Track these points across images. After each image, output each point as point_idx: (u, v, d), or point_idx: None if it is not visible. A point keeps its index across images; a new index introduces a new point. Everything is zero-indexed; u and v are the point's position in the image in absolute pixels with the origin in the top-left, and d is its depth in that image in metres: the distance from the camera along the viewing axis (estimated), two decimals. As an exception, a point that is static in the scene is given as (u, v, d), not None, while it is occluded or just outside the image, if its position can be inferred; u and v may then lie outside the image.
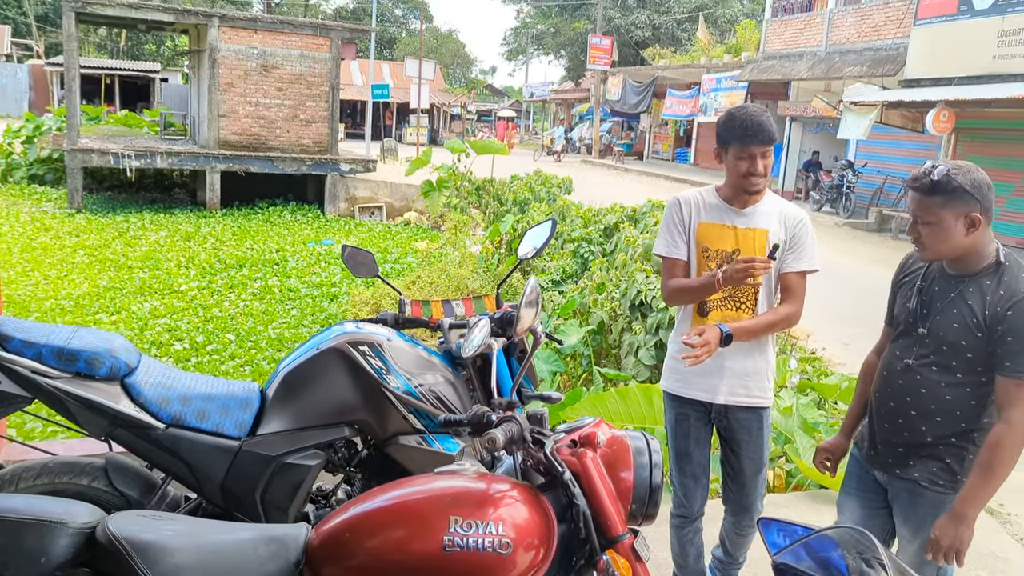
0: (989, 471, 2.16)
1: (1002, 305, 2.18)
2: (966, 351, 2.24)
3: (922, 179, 2.23)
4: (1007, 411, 2.17)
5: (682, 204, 2.82)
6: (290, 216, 16.78)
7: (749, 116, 2.63)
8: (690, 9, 40.43)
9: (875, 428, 2.47)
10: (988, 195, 2.22)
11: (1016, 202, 15.06)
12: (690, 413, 2.88)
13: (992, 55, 14.05)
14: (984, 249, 2.25)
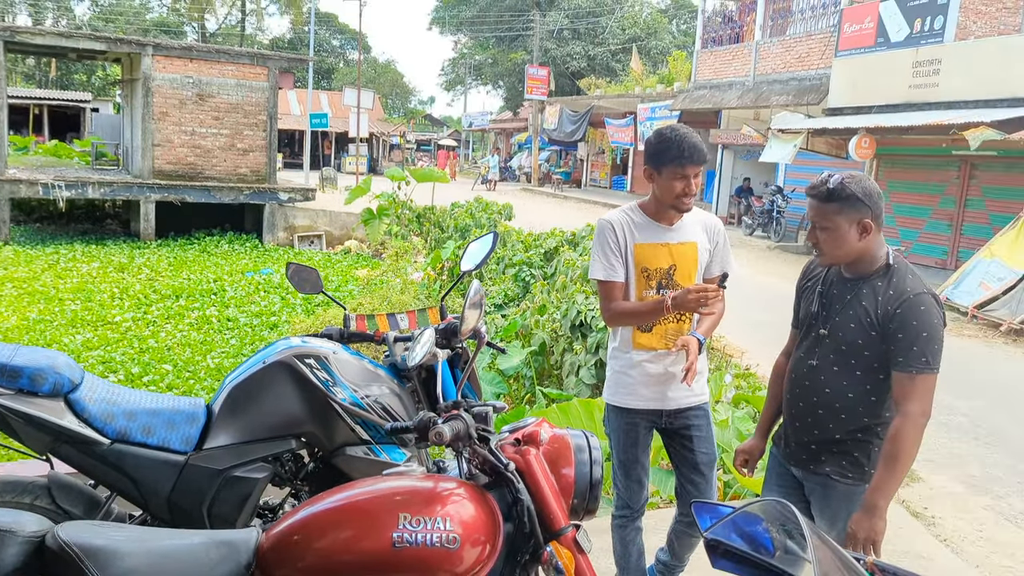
0: (893, 462, 2.28)
1: (892, 304, 2.33)
2: (863, 349, 2.38)
3: (819, 187, 2.39)
4: (903, 404, 2.30)
5: (615, 226, 2.89)
6: (227, 246, 16.56)
7: (683, 137, 2.74)
8: (624, 41, 41.39)
9: (789, 427, 2.61)
10: (878, 203, 2.39)
11: (934, 224, 15.75)
12: (639, 423, 2.98)
13: (908, 84, 14.75)
14: (876, 253, 2.40)
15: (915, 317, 2.30)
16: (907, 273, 2.39)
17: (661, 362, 2.89)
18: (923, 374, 2.29)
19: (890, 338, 2.33)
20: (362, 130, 25.51)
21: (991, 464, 5.67)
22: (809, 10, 19.47)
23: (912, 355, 2.29)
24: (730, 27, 22.75)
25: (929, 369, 2.30)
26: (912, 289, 2.34)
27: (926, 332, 2.30)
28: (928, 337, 2.29)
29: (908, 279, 2.37)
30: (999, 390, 7.59)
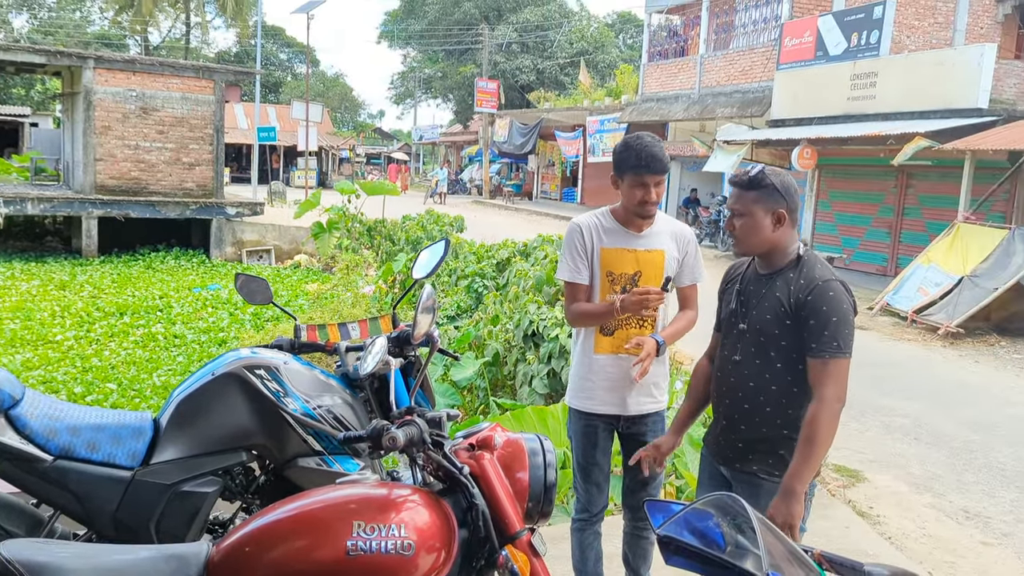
0: (809, 446, 2.32)
1: (803, 292, 2.40)
2: (779, 339, 2.44)
3: (741, 176, 2.50)
4: (818, 389, 2.36)
5: (583, 229, 2.97)
6: (173, 262, 16.25)
7: (644, 147, 2.81)
8: (572, 54, 41.81)
9: (717, 426, 2.66)
10: (794, 198, 2.49)
11: (874, 232, 16.20)
12: (598, 425, 3.02)
13: (847, 97, 15.18)
14: (788, 247, 2.49)
15: (825, 303, 2.37)
16: (816, 263, 2.48)
17: (621, 367, 2.93)
18: (835, 358, 2.35)
19: (803, 325, 2.39)
20: (311, 144, 25.30)
21: (932, 463, 5.84)
22: (751, 24, 19.94)
23: (823, 340, 2.35)
24: (675, 41, 23.16)
25: (841, 353, 2.35)
26: (821, 276, 2.41)
27: (836, 317, 2.36)
28: (838, 322, 2.36)
29: (817, 268, 2.45)
30: (938, 392, 7.83)
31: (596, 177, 29.34)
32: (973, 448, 6.18)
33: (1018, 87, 15.07)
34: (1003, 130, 12.02)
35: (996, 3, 19.05)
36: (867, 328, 10.73)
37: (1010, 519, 4.91)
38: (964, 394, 7.79)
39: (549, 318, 6.05)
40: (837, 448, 5.88)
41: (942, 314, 10.60)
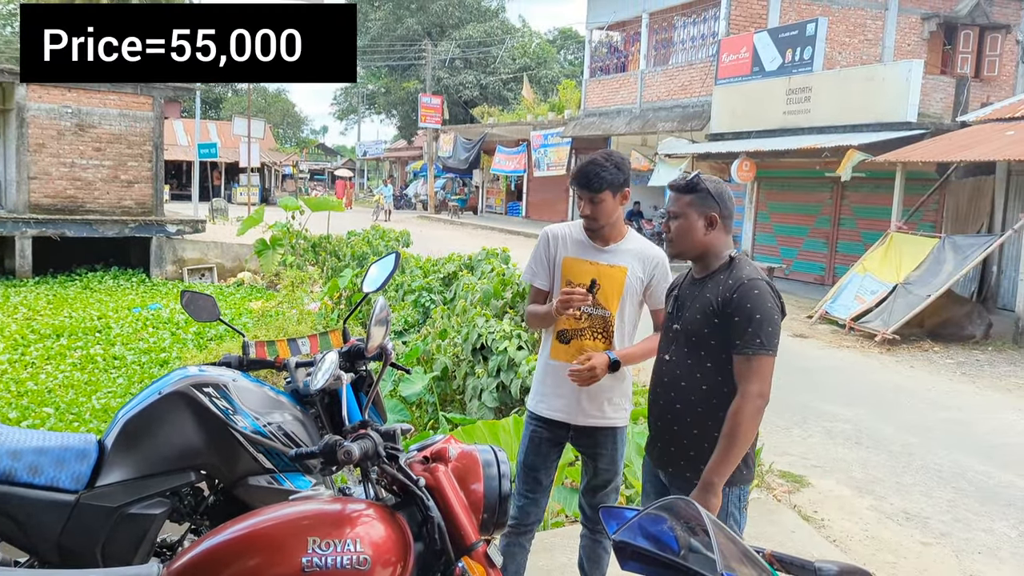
0: (731, 439, 2.39)
1: (730, 291, 2.47)
2: (709, 338, 2.51)
3: (679, 181, 2.60)
4: (742, 385, 2.43)
5: (550, 237, 3.05)
6: (112, 281, 15.82)
7: (583, 165, 2.91)
8: (515, 70, 42.12)
9: (652, 428, 2.72)
10: (728, 204, 2.59)
11: (812, 243, 16.64)
12: (544, 432, 3.04)
13: (783, 111, 15.60)
14: (720, 251, 2.58)
15: (749, 300, 2.44)
16: (745, 264, 2.57)
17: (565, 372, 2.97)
18: (759, 355, 2.41)
19: (728, 323, 2.46)
20: (253, 160, 24.94)
21: (872, 467, 6.01)
22: (689, 41, 20.37)
23: (747, 337, 2.42)
24: (616, 57, 23.52)
25: (764, 351, 2.41)
26: (747, 276, 2.49)
27: (759, 315, 2.42)
28: (761, 319, 2.42)
29: (745, 269, 2.54)
30: (877, 397, 8.06)
31: (541, 191, 29.55)
32: (911, 451, 6.37)
33: (944, 101, 15.69)
34: (931, 143, 12.48)
35: (922, 21, 19.84)
36: (807, 336, 11.01)
37: (947, 519, 5.08)
38: (901, 399, 8.03)
39: (497, 331, 6.07)
40: (781, 454, 6.02)
41: (878, 321, 10.93)
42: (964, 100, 15.50)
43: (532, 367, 5.55)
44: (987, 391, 8.43)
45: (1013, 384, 8.73)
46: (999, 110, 13.29)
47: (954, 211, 13.19)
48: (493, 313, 6.67)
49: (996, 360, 9.83)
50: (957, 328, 10.95)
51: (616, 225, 3.00)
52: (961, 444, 6.58)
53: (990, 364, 9.63)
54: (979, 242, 11.13)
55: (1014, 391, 8.44)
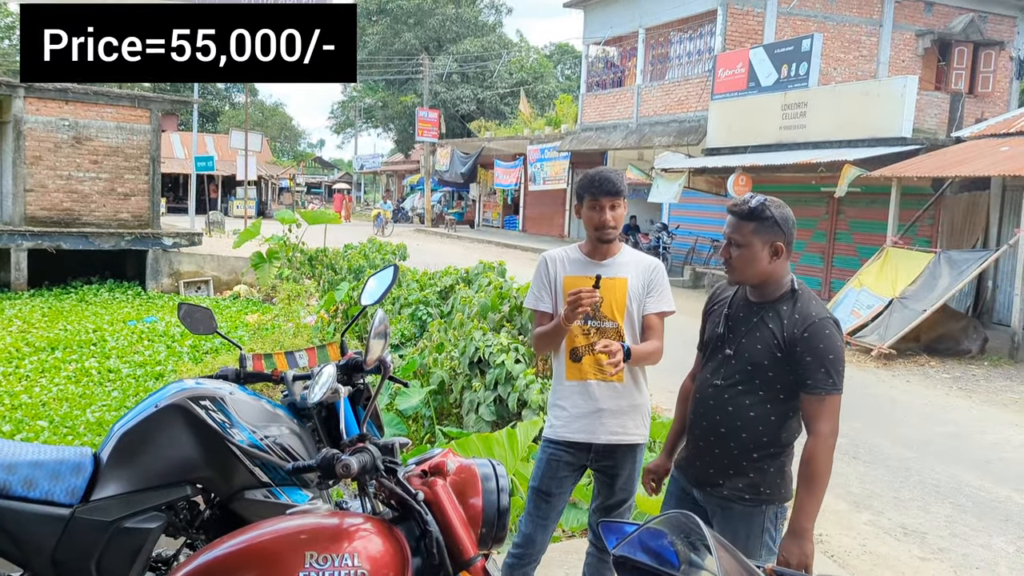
0: (812, 482, 2.37)
1: (799, 327, 2.42)
2: (767, 370, 2.46)
3: (740, 206, 2.50)
4: (814, 425, 2.40)
5: (548, 261, 3.06)
6: (108, 294, 15.79)
7: (598, 172, 2.93)
8: (512, 84, 42.30)
9: (692, 447, 2.68)
10: (792, 231, 2.50)
11: (808, 257, 16.66)
12: (563, 455, 3.00)
13: (778, 126, 15.67)
14: (783, 279, 2.52)
15: (822, 340, 2.39)
16: (811, 299, 2.51)
17: (590, 393, 2.95)
18: (831, 395, 2.39)
19: (797, 361, 2.41)
20: (250, 173, 25.00)
21: (870, 481, 6.00)
22: (686, 56, 20.48)
23: (820, 377, 2.38)
24: (612, 72, 23.63)
25: (836, 390, 2.40)
26: (817, 314, 2.44)
27: (832, 355, 2.40)
28: (834, 359, 2.40)
29: (813, 304, 2.48)
30: (874, 412, 8.05)
31: (537, 205, 29.59)
32: (909, 466, 6.36)
33: (938, 117, 15.79)
34: (926, 158, 12.54)
35: (916, 38, 19.99)
36: (804, 350, 11.01)
37: (945, 534, 5.07)
38: (898, 413, 8.03)
39: (495, 344, 6.05)
40: (779, 468, 6.00)
41: (874, 336, 10.94)
42: (959, 116, 15.59)
43: (529, 380, 5.55)
44: (983, 406, 8.43)
45: (1009, 399, 8.73)
46: (993, 126, 13.37)
47: (949, 226, 13.24)
48: (490, 326, 6.66)
49: (992, 375, 9.83)
50: (953, 343, 10.96)
51: None
52: (958, 459, 6.58)
53: (986, 379, 9.64)
54: (974, 257, 11.16)
55: (1010, 406, 8.45)
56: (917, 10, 20.09)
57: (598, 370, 2.95)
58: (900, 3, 19.83)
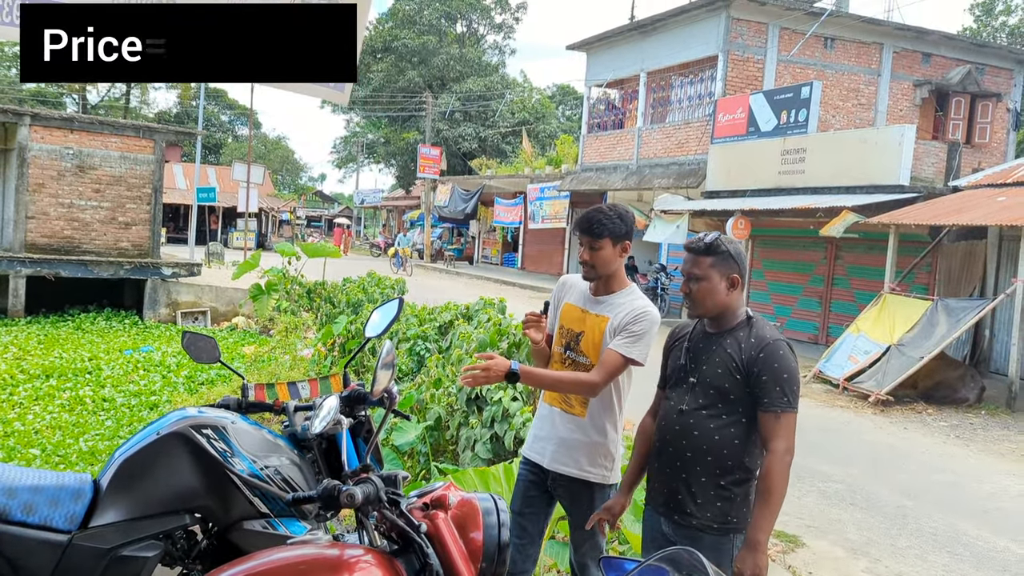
0: (768, 497, 2.49)
1: (755, 350, 2.57)
2: (729, 393, 2.60)
3: (697, 243, 2.68)
4: (770, 442, 2.53)
5: (562, 283, 3.20)
6: (105, 323, 15.77)
7: (591, 212, 2.99)
8: (513, 124, 42.72)
9: (658, 476, 2.74)
10: (744, 264, 2.69)
11: (806, 301, 16.71)
12: (528, 474, 3.09)
13: (778, 171, 15.82)
14: (738, 309, 2.68)
15: (776, 360, 2.54)
16: (765, 325, 2.67)
17: (552, 418, 3.04)
18: (786, 412, 2.54)
19: (754, 382, 2.55)
20: (251, 205, 25.11)
21: (867, 528, 5.96)
22: (686, 100, 20.73)
23: (775, 395, 2.53)
24: (613, 114, 23.90)
25: (791, 408, 2.55)
26: (772, 337, 2.60)
27: (787, 374, 2.55)
28: (788, 379, 2.55)
29: (767, 329, 2.64)
30: (871, 458, 8.02)
31: (536, 243, 29.72)
32: (906, 513, 6.32)
33: (936, 166, 15.95)
34: (923, 206, 12.65)
35: (914, 88, 20.27)
36: (801, 395, 10.95)
37: (943, 582, 5.03)
38: (896, 460, 8.00)
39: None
40: (776, 512, 5.96)
41: (872, 382, 10.93)
42: (956, 165, 15.75)
43: (527, 418, 5.53)
44: (981, 455, 8.40)
45: (1007, 448, 8.71)
46: (990, 176, 13.50)
47: (946, 274, 13.30)
48: (488, 363, 6.64)
49: (989, 424, 9.81)
50: (950, 391, 10.95)
51: (615, 276, 3.00)
52: (956, 507, 6.54)
53: (983, 428, 9.62)
54: (971, 305, 11.20)
55: (1007, 455, 8.42)
56: (915, 61, 20.41)
57: (562, 399, 3.02)
58: (898, 53, 20.15)
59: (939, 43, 20.54)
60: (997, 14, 36.31)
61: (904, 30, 20.16)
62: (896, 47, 20.08)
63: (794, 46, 19.12)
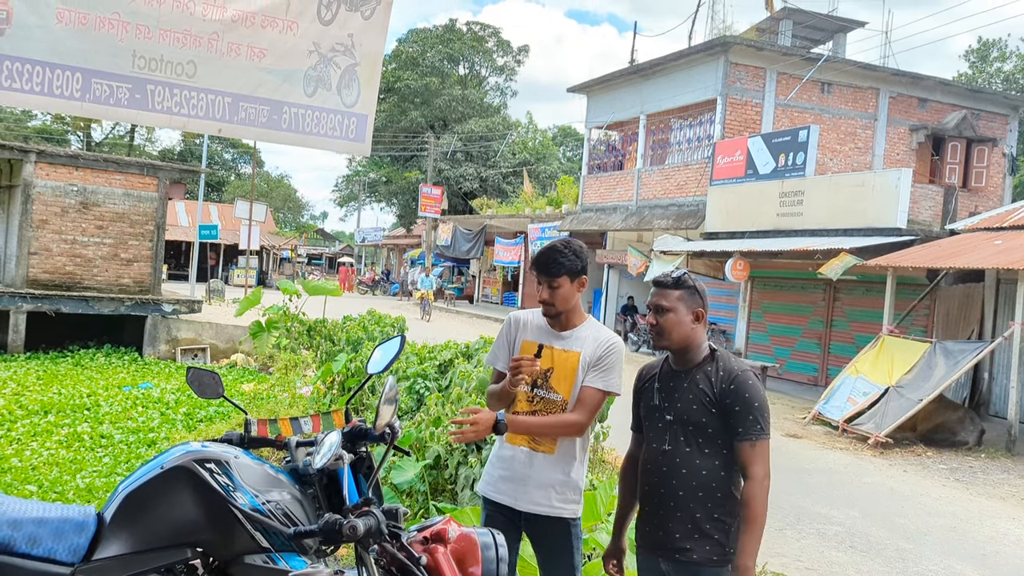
0: (751, 524, 2.58)
1: (725, 382, 2.66)
2: (707, 427, 2.68)
3: (665, 278, 2.80)
4: (748, 470, 2.62)
5: (512, 322, 3.15)
6: (104, 359, 15.78)
7: (541, 252, 3.00)
8: (514, 164, 43.13)
9: (651, 518, 2.77)
10: (706, 301, 2.81)
11: (805, 343, 16.74)
12: (497, 516, 3.03)
13: (776, 213, 15.96)
14: (702, 344, 2.78)
15: (747, 390, 2.64)
16: (731, 358, 2.77)
17: (518, 458, 3.00)
18: (760, 440, 2.62)
19: (728, 413, 2.64)
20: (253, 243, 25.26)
21: (866, 571, 5.93)
22: (685, 142, 20.99)
23: (749, 424, 2.62)
24: (613, 155, 24.17)
25: (764, 435, 2.63)
26: (739, 367, 2.70)
27: (757, 403, 2.64)
28: (759, 407, 2.64)
29: (733, 361, 2.74)
30: (870, 500, 7.99)
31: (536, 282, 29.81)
32: (905, 556, 6.29)
33: (932, 209, 16.09)
34: (920, 249, 12.75)
35: (911, 132, 20.54)
36: (800, 436, 10.97)
37: (943, 626, 5.00)
38: (895, 503, 7.97)
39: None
40: (775, 555, 5.94)
41: (871, 424, 10.92)
42: (952, 209, 15.90)
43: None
44: (980, 498, 8.37)
45: (1007, 492, 8.68)
46: (987, 219, 13.63)
47: (945, 317, 13.35)
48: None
49: (989, 467, 9.78)
50: (950, 433, 10.94)
51: (575, 311, 3.04)
52: (955, 551, 6.51)
53: (983, 471, 9.59)
54: (970, 348, 11.24)
55: (1008, 499, 8.39)
56: (911, 106, 20.70)
57: (530, 439, 2.99)
58: (895, 98, 20.44)
59: (935, 88, 20.86)
60: (992, 60, 36.88)
61: (900, 75, 20.48)
62: (892, 92, 20.38)
63: (791, 90, 19.41)
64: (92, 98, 3.36)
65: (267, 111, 3.48)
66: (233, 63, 3.46)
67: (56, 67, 3.22)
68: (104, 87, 3.34)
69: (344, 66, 3.38)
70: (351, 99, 3.43)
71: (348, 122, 3.47)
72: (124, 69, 3.35)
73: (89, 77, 3.30)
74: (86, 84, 3.32)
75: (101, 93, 3.35)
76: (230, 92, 3.48)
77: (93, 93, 3.35)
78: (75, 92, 3.31)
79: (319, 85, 3.41)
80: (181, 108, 3.47)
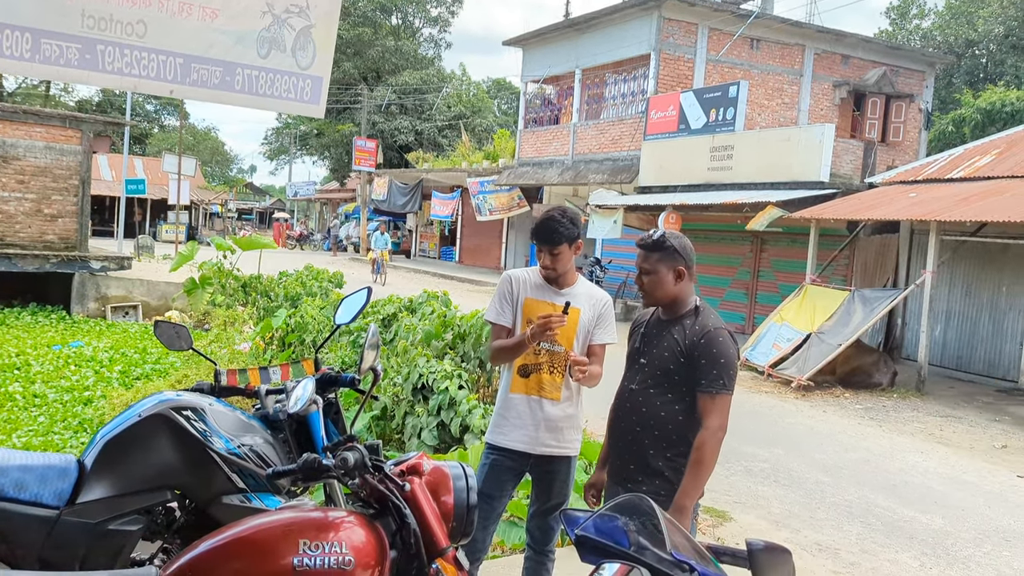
0: (698, 467, 2.75)
1: (697, 336, 2.84)
2: (674, 374, 2.87)
3: (646, 240, 2.96)
4: (705, 419, 2.79)
5: (512, 280, 3.37)
6: (30, 318, 15.35)
7: (542, 222, 3.26)
8: (450, 118, 42.75)
9: (614, 450, 3.05)
10: (691, 257, 2.95)
11: (733, 293, 17.35)
12: (505, 461, 3.31)
13: (707, 167, 16.38)
14: (687, 299, 2.95)
15: (715, 346, 2.81)
16: (710, 314, 2.95)
17: (532, 408, 3.27)
18: (721, 394, 2.79)
19: (695, 364, 2.83)
20: (183, 198, 24.65)
21: (788, 503, 6.39)
22: (620, 97, 21.20)
23: (712, 377, 2.79)
24: (549, 110, 24.24)
25: (726, 390, 2.80)
26: (714, 324, 2.88)
27: (724, 359, 2.81)
28: (725, 363, 2.81)
29: (711, 317, 2.93)
30: (793, 439, 8.52)
31: (474, 236, 29.88)
32: (824, 488, 6.79)
33: (853, 163, 16.72)
34: (841, 202, 13.32)
35: (834, 88, 21.16)
36: (729, 382, 11.49)
37: (856, 550, 5.46)
38: (815, 441, 8.51)
39: (439, 371, 6.26)
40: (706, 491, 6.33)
41: (794, 368, 11.50)
42: (872, 162, 16.55)
43: (472, 406, 5.76)
44: (892, 435, 8.99)
45: (916, 428, 9.33)
46: (903, 173, 14.27)
47: (863, 266, 14.02)
48: (434, 354, 6.87)
49: (900, 406, 10.47)
50: (866, 376, 11.61)
51: (570, 272, 3.34)
52: (869, 482, 7.04)
53: (895, 410, 10.26)
54: (885, 295, 11.88)
55: (916, 435, 9.03)
56: (835, 62, 21.30)
57: (539, 389, 3.27)
58: (819, 55, 21.00)
59: (857, 46, 21.49)
60: (911, 17, 37.96)
61: (824, 33, 21.01)
62: (817, 49, 20.93)
63: (723, 47, 19.75)
64: (42, 58, 3.35)
65: (220, 72, 3.52)
66: (184, 23, 3.48)
67: (5, 27, 3.20)
68: (54, 47, 3.33)
69: (299, 28, 3.44)
70: (306, 61, 3.50)
71: (303, 84, 3.54)
72: (74, 29, 3.35)
73: (39, 37, 3.29)
74: (35, 44, 3.31)
75: (51, 53, 3.34)
76: (181, 53, 3.51)
77: (43, 53, 3.34)
78: (25, 52, 3.29)
79: (273, 47, 3.47)
80: (132, 69, 3.48)
